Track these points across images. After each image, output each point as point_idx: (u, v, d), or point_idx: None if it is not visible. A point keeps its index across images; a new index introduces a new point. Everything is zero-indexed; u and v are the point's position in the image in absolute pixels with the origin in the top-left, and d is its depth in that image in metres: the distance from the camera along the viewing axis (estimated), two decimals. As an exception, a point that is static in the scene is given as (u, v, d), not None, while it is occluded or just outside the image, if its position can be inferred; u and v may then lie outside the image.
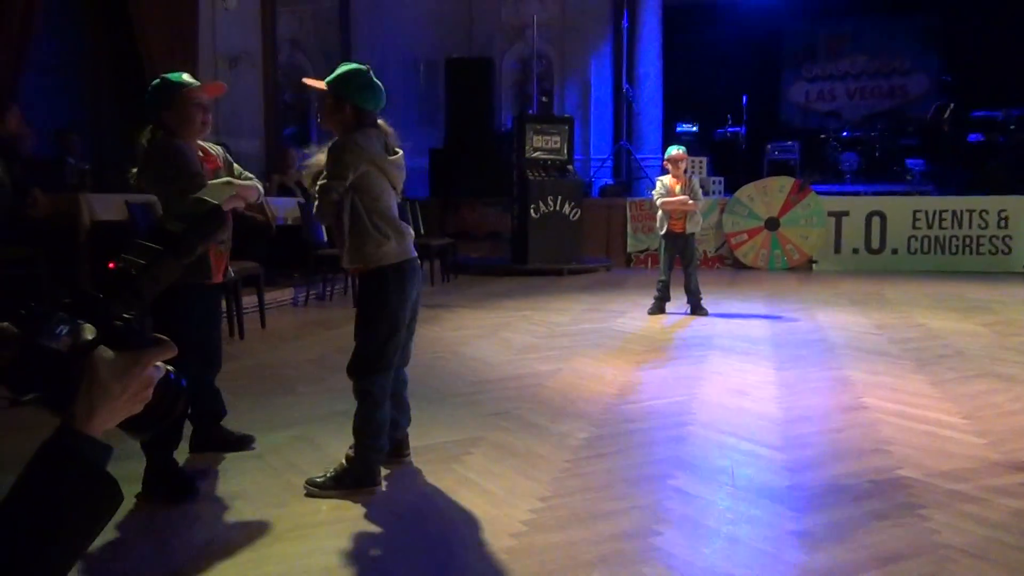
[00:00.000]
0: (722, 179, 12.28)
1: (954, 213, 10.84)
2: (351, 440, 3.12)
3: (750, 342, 6.02)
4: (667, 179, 7.29)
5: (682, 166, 7.28)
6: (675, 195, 7.17)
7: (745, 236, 11.35)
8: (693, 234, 7.32)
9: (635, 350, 5.70)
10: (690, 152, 8.41)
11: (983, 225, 10.71)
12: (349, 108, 3.06)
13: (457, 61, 13.82)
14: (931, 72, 15.14)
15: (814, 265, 11.17)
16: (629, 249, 11.72)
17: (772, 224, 11.25)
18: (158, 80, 3.22)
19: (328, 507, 2.92)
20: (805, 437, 3.75)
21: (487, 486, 3.11)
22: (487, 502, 2.95)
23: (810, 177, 12.19)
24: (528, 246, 10.79)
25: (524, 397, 4.44)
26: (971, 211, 10.77)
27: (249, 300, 6.66)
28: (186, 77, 3.24)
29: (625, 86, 13.69)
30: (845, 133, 13.97)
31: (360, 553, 2.55)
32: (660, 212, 7.29)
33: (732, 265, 11.37)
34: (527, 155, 10.90)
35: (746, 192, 11.41)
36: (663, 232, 7.30)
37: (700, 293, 7.27)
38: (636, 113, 13.98)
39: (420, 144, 13.81)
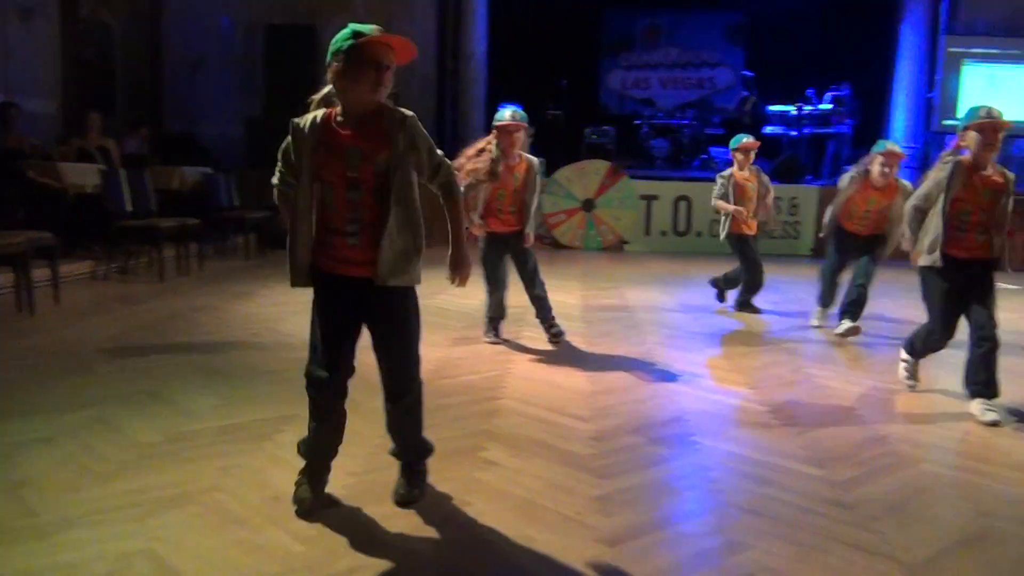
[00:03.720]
0: (543, 160, 12.56)
1: (752, 200, 11.65)
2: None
3: (563, 318, 6.20)
4: (729, 173, 6.51)
5: (752, 156, 6.50)
6: (747, 194, 6.41)
7: (563, 216, 11.71)
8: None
9: (452, 326, 5.77)
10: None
11: (777, 210, 11.57)
12: None
13: (278, 28, 13.34)
14: (736, 66, 16.12)
15: (626, 246, 11.69)
16: (451, 226, 11.79)
17: (588, 205, 11.66)
18: None
19: (124, 492, 2.79)
20: (610, 407, 3.95)
21: (299, 463, 3.06)
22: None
23: (625, 161, 12.69)
24: (350, 221, 10.62)
25: (340, 373, 4.39)
26: (767, 198, 11.61)
27: (42, 273, 6.18)
28: None
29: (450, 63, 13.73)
30: (657, 120, 14.64)
31: (158, 536, 2.46)
32: (721, 213, 6.52)
33: (550, 244, 11.69)
34: (350, 128, 10.69)
35: (564, 174, 11.75)
36: (724, 235, 6.51)
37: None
38: (461, 91, 14.04)
39: (237, 112, 13.25)
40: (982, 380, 3.93)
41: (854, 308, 5.59)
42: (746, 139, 6.53)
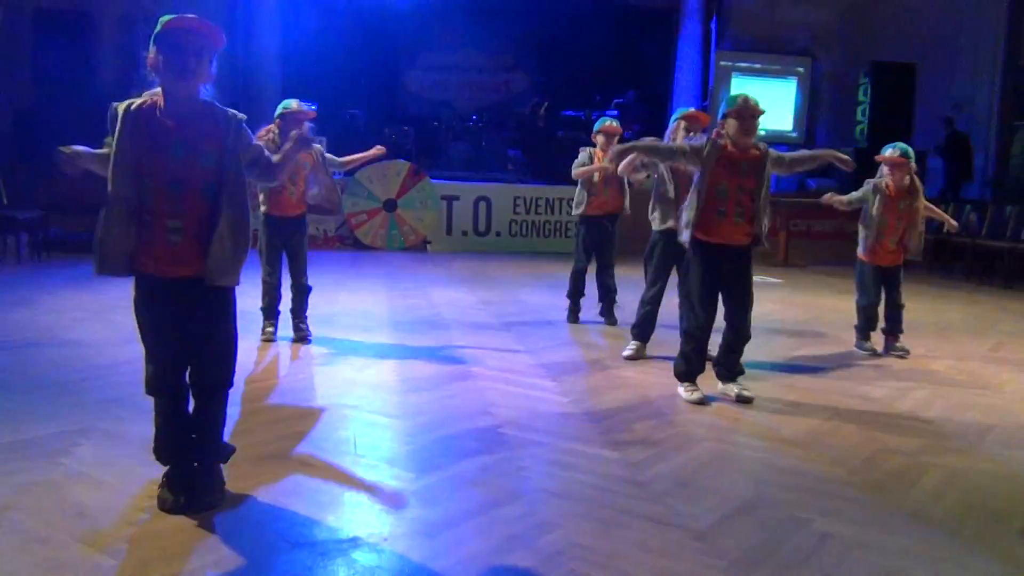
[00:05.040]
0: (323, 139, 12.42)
1: (547, 200, 12.17)
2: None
3: (371, 318, 6.28)
4: (590, 150, 6.27)
5: (615, 140, 6.06)
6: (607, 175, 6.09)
7: (365, 217, 11.66)
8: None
9: (255, 330, 5.64)
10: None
11: (570, 212, 12.12)
12: None
13: (48, 12, 12.32)
14: (530, 72, 16.70)
15: (428, 245, 11.82)
16: (248, 227, 11.44)
17: (390, 206, 11.69)
18: None
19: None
20: (420, 404, 4.05)
21: (102, 477, 2.94)
22: (102, 493, 2.80)
23: (424, 162, 12.81)
24: (136, 222, 10.03)
25: (137, 382, 4.14)
26: (561, 199, 12.14)
27: None
28: None
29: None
30: (455, 122, 14.88)
31: (-51, 562, 2.30)
32: (578, 188, 6.30)
33: (352, 245, 11.62)
34: (134, 124, 10.09)
35: (365, 174, 11.70)
36: (579, 212, 6.30)
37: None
38: (255, 88, 13.59)
39: (1, 102, 12.11)
40: (731, 365, 4.38)
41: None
42: (609, 122, 6.27)
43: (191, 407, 2.79)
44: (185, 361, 2.71)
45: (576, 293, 6.52)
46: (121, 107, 2.55)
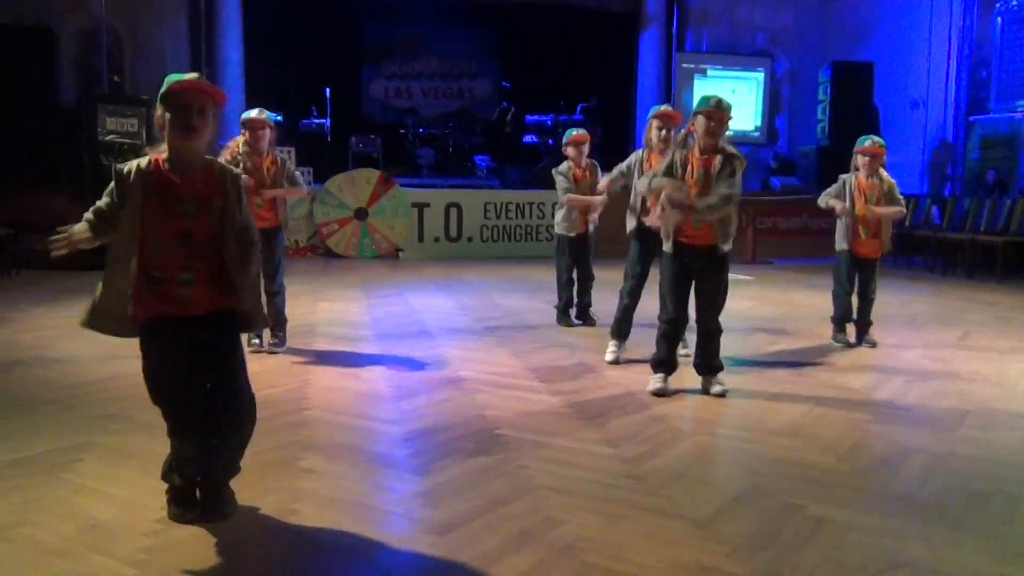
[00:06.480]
0: (310, 170, 12.43)
1: (517, 205, 12.26)
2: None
3: (352, 327, 6.31)
4: (567, 167, 6.39)
5: (585, 149, 6.33)
6: (582, 189, 6.33)
7: (336, 226, 11.66)
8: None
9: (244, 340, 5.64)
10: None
11: (541, 215, 12.24)
12: None
13: (4, 28, 12.14)
14: (493, 77, 16.80)
15: (401, 253, 11.85)
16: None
17: (361, 214, 11.70)
18: None
19: (-86, 537, 2.56)
20: (415, 410, 4.11)
21: (109, 490, 2.96)
22: (112, 506, 2.82)
23: (393, 170, 12.84)
24: (106, 237, 9.94)
25: (130, 396, 4.18)
26: (531, 203, 12.25)
27: None
28: None
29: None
30: (421, 130, 14.92)
31: (-31, 579, 2.31)
32: (565, 210, 6.41)
33: (324, 254, 11.62)
34: (100, 138, 10.02)
35: (335, 183, 11.72)
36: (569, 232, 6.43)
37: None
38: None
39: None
40: (706, 359, 4.51)
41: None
42: (575, 132, 6.43)
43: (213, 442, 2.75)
44: (203, 401, 2.70)
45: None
46: (131, 167, 2.61)
